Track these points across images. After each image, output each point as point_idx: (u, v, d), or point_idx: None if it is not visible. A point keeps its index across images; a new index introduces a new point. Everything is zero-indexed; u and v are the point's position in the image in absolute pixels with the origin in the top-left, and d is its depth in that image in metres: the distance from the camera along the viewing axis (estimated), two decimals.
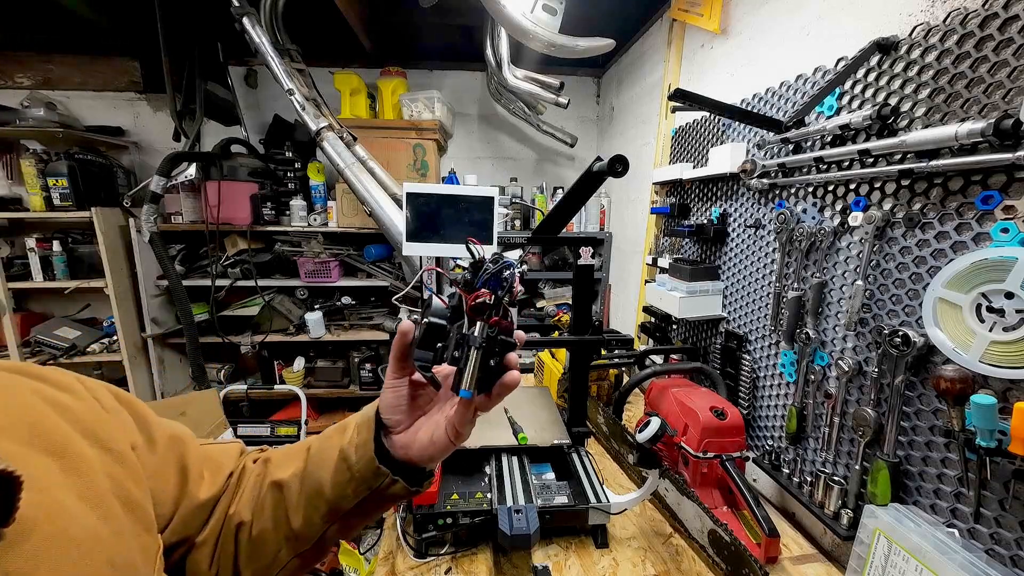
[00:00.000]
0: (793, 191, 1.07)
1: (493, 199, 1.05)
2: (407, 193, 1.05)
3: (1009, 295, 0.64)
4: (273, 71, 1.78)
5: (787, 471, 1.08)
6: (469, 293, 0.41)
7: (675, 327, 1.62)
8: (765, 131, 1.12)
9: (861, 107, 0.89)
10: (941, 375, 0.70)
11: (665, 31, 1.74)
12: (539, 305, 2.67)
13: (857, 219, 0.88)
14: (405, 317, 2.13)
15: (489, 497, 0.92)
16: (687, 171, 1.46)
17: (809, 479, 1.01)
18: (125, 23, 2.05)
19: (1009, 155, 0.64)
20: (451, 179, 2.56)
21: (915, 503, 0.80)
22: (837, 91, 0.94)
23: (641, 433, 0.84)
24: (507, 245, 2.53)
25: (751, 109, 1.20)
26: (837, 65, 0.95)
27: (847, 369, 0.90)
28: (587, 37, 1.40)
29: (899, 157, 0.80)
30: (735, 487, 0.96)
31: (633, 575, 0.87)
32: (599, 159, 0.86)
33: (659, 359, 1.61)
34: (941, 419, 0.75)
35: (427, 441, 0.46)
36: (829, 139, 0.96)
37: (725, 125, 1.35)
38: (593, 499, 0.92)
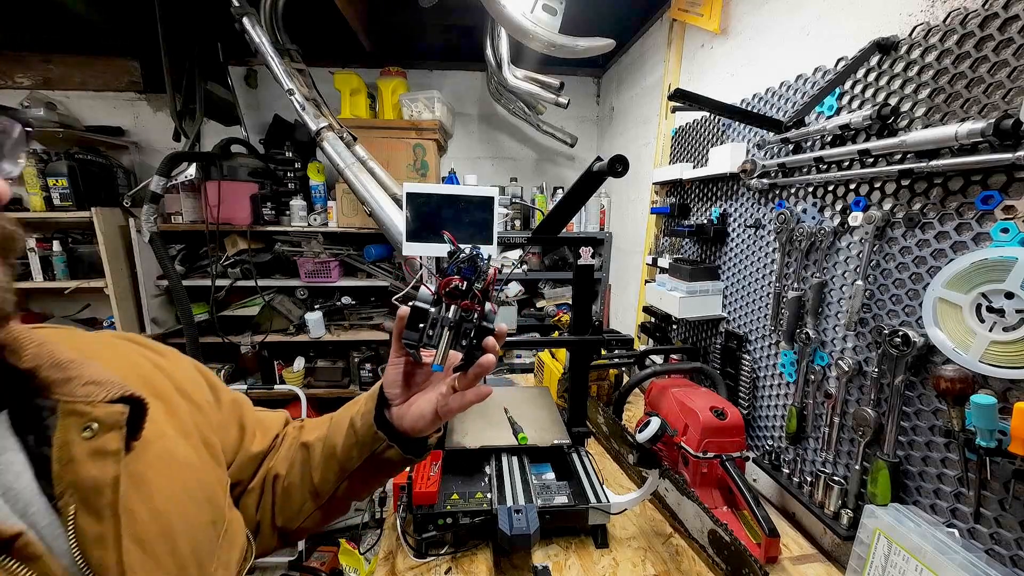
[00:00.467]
0: (793, 191, 1.07)
1: (493, 199, 1.05)
2: (407, 193, 1.05)
3: (1009, 295, 0.64)
4: (273, 71, 1.78)
5: (787, 471, 1.08)
6: (443, 279, 0.46)
7: (675, 327, 1.62)
8: (765, 131, 1.12)
9: (861, 107, 0.89)
10: (941, 375, 0.70)
11: (665, 31, 1.74)
12: (539, 305, 2.67)
13: (857, 219, 0.88)
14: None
15: (489, 497, 0.92)
16: (687, 171, 1.46)
17: (809, 479, 1.01)
18: (125, 23, 2.05)
19: (1009, 155, 0.64)
20: (451, 179, 2.56)
21: (915, 503, 0.80)
22: (837, 91, 0.94)
23: (641, 433, 0.84)
24: (507, 245, 2.53)
25: (751, 109, 1.20)
26: (837, 65, 0.95)
27: (847, 369, 0.90)
28: (587, 37, 1.40)
29: (899, 157, 0.80)
30: (735, 487, 0.96)
31: (633, 575, 0.87)
32: (599, 159, 0.86)
33: (659, 359, 1.61)
34: (941, 419, 0.75)
35: (418, 414, 0.53)
36: (829, 139, 0.96)
37: (725, 125, 1.35)
38: (593, 499, 0.92)
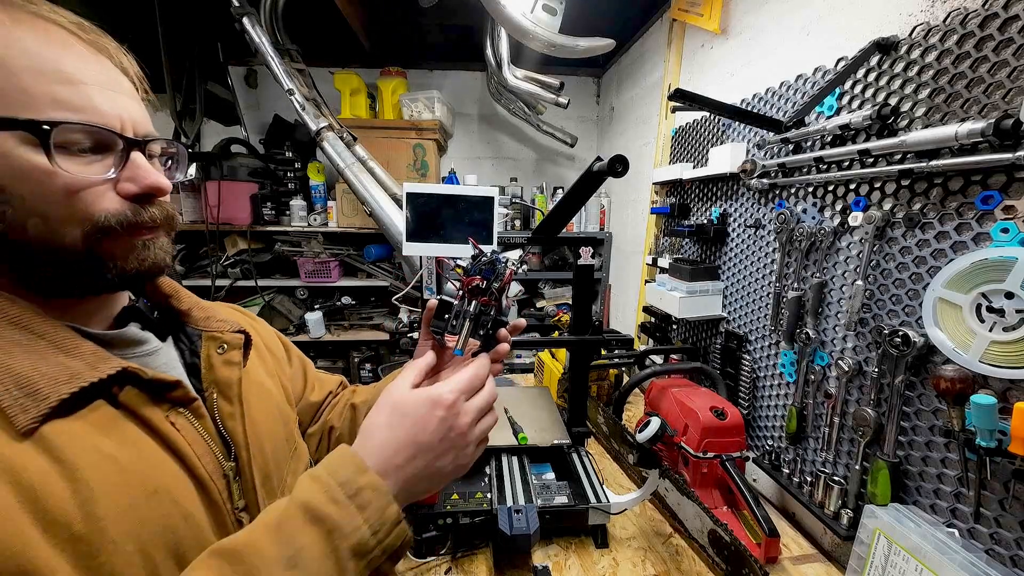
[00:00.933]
0: (793, 191, 1.07)
1: (493, 199, 1.05)
2: (407, 193, 1.05)
3: (1009, 295, 0.64)
4: (273, 71, 1.78)
5: (787, 471, 1.08)
6: (466, 278, 0.53)
7: (675, 327, 1.62)
8: (765, 131, 1.12)
9: (861, 107, 0.89)
10: (941, 375, 0.70)
11: (665, 31, 1.74)
12: (539, 305, 2.67)
13: (857, 219, 0.88)
14: (405, 317, 2.13)
15: (489, 497, 0.92)
16: (687, 171, 1.46)
17: (809, 479, 1.01)
18: (125, 23, 2.05)
19: (1009, 155, 0.64)
20: (451, 179, 2.56)
21: (915, 503, 0.80)
22: (837, 91, 0.94)
23: (641, 433, 0.84)
24: (507, 245, 2.53)
25: (751, 109, 1.20)
26: (837, 65, 0.95)
27: (847, 369, 0.90)
28: (587, 37, 1.40)
29: (899, 157, 0.80)
30: (735, 487, 0.96)
31: (633, 575, 0.87)
32: (599, 159, 0.86)
33: (659, 359, 1.61)
34: (941, 419, 0.75)
35: None
36: (829, 139, 0.96)
37: (725, 125, 1.35)
38: (593, 499, 0.91)
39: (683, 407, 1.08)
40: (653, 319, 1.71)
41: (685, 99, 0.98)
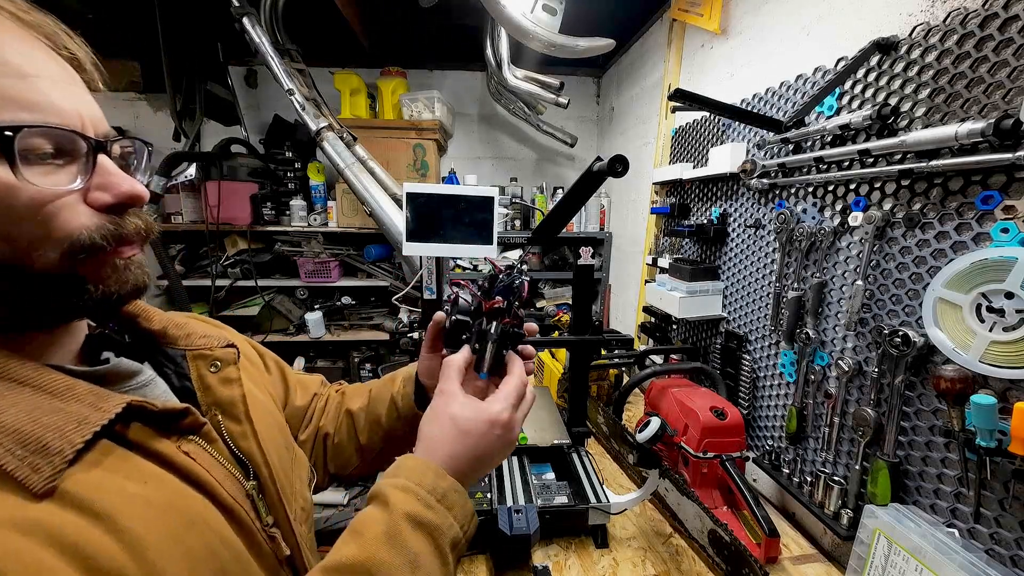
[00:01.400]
0: (793, 191, 1.07)
1: (493, 199, 1.05)
2: (407, 193, 1.05)
3: (1009, 295, 0.64)
4: (273, 71, 1.78)
5: (787, 471, 1.08)
6: (487, 300, 0.53)
7: (675, 327, 1.62)
8: (765, 131, 1.12)
9: (861, 107, 0.89)
10: (941, 375, 0.70)
11: (665, 31, 1.74)
12: (539, 305, 2.67)
13: (857, 219, 0.88)
14: (405, 317, 2.13)
15: (489, 497, 0.92)
16: (687, 171, 1.46)
17: (809, 479, 1.01)
18: (125, 23, 2.05)
19: (1009, 155, 0.64)
20: (451, 179, 2.56)
21: (915, 503, 0.79)
22: (837, 91, 0.94)
23: (641, 433, 0.84)
24: (507, 245, 2.53)
25: (751, 109, 1.20)
26: (837, 65, 0.95)
27: (847, 369, 0.90)
28: (587, 37, 1.40)
29: (899, 157, 0.80)
30: (735, 487, 0.96)
31: (633, 575, 0.87)
32: (599, 159, 0.86)
33: (659, 359, 1.61)
34: (941, 419, 0.75)
35: None
36: (829, 139, 0.96)
37: (725, 125, 1.35)
38: (593, 499, 0.92)
39: (683, 407, 1.08)
40: (653, 319, 1.71)
41: (685, 99, 0.98)
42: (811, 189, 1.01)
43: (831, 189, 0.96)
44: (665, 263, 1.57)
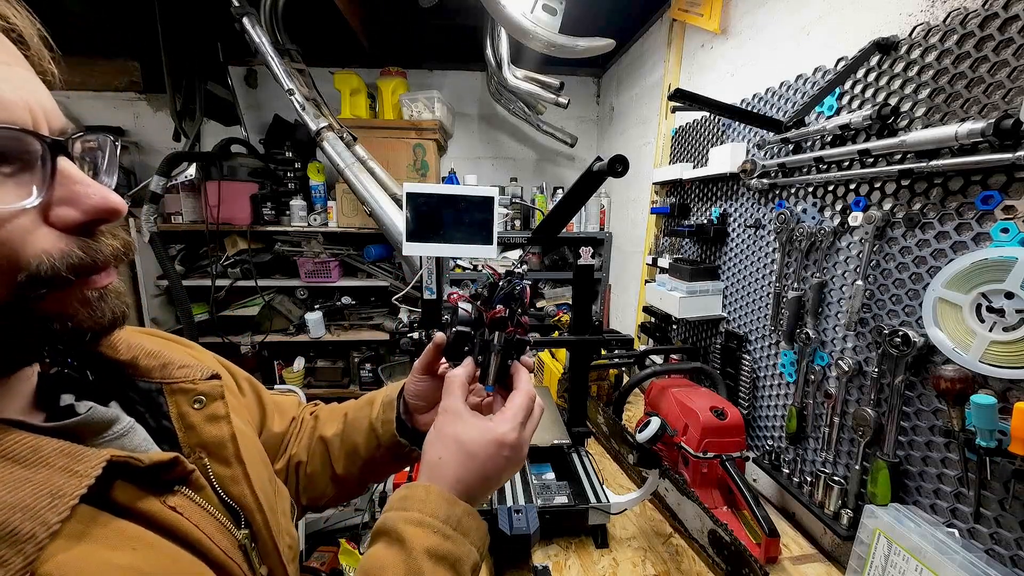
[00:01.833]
0: (793, 191, 1.07)
1: (493, 199, 1.05)
2: (407, 193, 1.05)
3: (1009, 295, 0.64)
4: (273, 71, 1.78)
5: (787, 471, 1.08)
6: (489, 310, 0.51)
7: (675, 327, 1.62)
8: (765, 131, 1.12)
9: (861, 107, 0.89)
10: (941, 375, 0.70)
11: (665, 31, 1.74)
12: (539, 305, 2.67)
13: (857, 219, 0.88)
14: (405, 317, 2.13)
15: (489, 497, 0.92)
16: (687, 171, 1.46)
17: (809, 479, 1.01)
18: (125, 23, 2.05)
19: (1009, 155, 0.64)
20: (451, 179, 2.56)
21: (915, 503, 0.80)
22: (837, 91, 0.94)
23: (641, 433, 0.84)
24: (507, 245, 2.53)
25: (751, 109, 1.20)
26: (837, 65, 0.95)
27: (847, 369, 0.90)
28: (587, 37, 1.40)
29: (899, 157, 0.80)
30: (735, 487, 0.96)
31: (633, 575, 0.87)
32: (599, 159, 0.86)
33: (659, 359, 1.61)
34: (941, 419, 0.75)
35: None
36: (829, 139, 0.96)
37: (725, 125, 1.35)
38: (593, 499, 0.92)
39: (683, 407, 1.08)
40: (653, 319, 1.71)
41: (685, 99, 0.98)
42: (811, 189, 1.01)
43: (831, 189, 0.96)
44: (665, 263, 1.57)
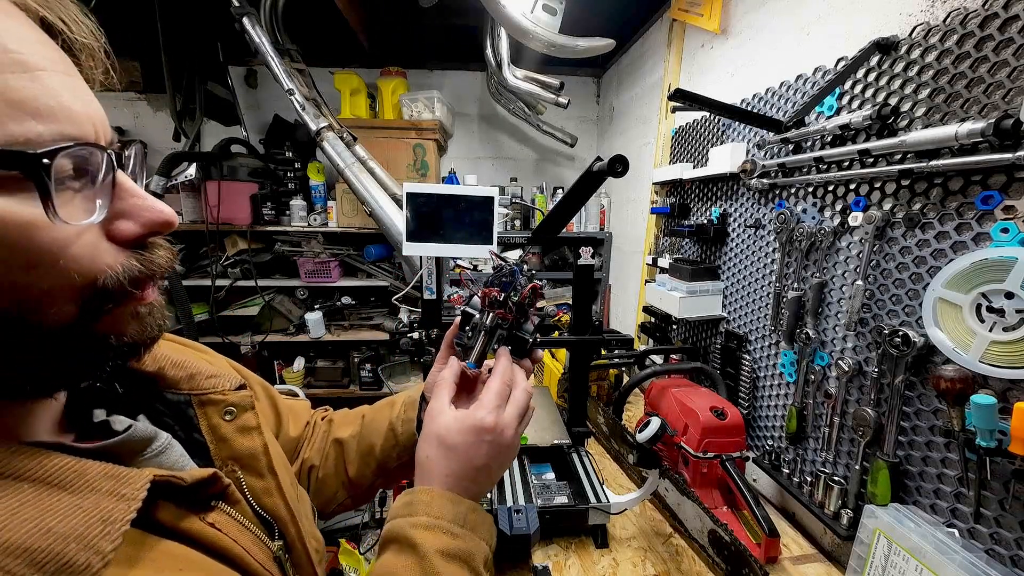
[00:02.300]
0: (793, 191, 1.07)
1: (493, 199, 1.05)
2: (407, 193, 1.05)
3: (1009, 295, 0.64)
4: (273, 71, 1.78)
5: (787, 471, 1.08)
6: (485, 289, 0.53)
7: (675, 327, 1.62)
8: (765, 131, 1.12)
9: (861, 107, 0.89)
10: (941, 375, 0.70)
11: (665, 31, 1.74)
12: (539, 305, 2.66)
13: (857, 219, 0.88)
14: (405, 317, 2.13)
15: (489, 497, 0.92)
16: (687, 171, 1.46)
17: (809, 479, 1.01)
18: (125, 23, 2.05)
19: (1009, 155, 0.64)
20: (451, 179, 2.56)
21: (915, 503, 0.80)
22: (837, 91, 0.94)
23: (641, 433, 0.84)
24: (507, 245, 2.53)
25: (751, 109, 1.20)
26: (837, 65, 0.95)
27: (847, 369, 0.90)
28: (587, 37, 1.40)
29: (899, 157, 0.80)
30: (735, 487, 0.96)
31: (633, 575, 0.87)
32: (599, 159, 0.86)
33: (659, 359, 1.61)
34: (941, 419, 0.75)
35: None
36: (829, 139, 0.96)
37: (725, 125, 1.35)
38: (593, 499, 0.92)
39: (683, 407, 1.08)
40: (653, 319, 1.71)
41: (685, 99, 0.98)
42: (811, 189, 1.01)
43: (831, 189, 0.96)
44: (665, 263, 1.57)
